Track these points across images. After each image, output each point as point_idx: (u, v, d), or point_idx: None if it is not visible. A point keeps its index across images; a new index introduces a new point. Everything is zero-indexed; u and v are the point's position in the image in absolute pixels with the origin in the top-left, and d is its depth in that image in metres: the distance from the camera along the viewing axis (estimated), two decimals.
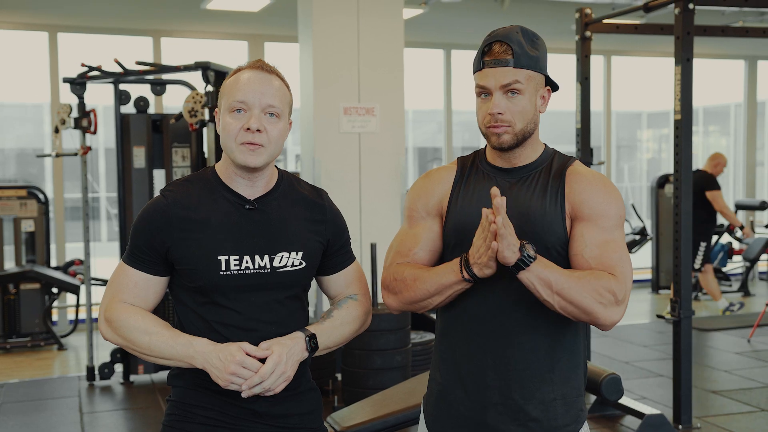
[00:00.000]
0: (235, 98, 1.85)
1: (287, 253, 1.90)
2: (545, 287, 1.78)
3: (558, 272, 1.78)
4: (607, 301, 1.79)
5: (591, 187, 1.88)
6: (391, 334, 4.77)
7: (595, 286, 1.79)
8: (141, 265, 1.88)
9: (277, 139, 1.87)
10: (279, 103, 1.87)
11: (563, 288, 1.77)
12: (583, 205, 1.86)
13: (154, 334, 1.83)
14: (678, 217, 4.61)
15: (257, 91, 1.85)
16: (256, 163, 1.85)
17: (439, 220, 1.99)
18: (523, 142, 1.91)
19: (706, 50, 10.28)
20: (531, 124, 1.90)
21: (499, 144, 1.90)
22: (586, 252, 1.84)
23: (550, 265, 1.79)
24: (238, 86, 1.86)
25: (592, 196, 1.87)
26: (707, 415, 4.90)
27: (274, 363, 1.79)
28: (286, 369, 1.81)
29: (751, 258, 9.27)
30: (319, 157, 5.65)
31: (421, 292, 1.89)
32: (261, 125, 1.84)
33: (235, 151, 1.86)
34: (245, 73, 1.88)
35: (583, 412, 1.96)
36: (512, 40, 1.87)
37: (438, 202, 1.99)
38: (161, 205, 1.89)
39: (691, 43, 4.54)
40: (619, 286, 1.81)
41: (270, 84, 1.87)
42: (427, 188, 2.02)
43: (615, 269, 1.82)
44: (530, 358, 1.88)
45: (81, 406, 5.36)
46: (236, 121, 1.85)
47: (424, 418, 2.05)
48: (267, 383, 1.79)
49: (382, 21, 5.82)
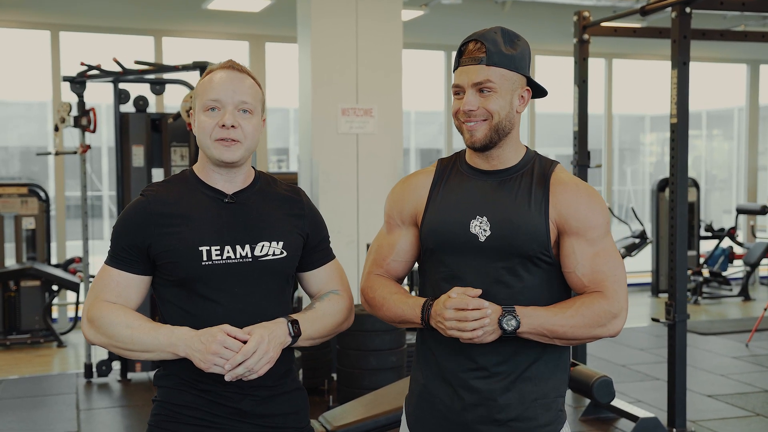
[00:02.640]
0: (208, 97, 1.90)
1: (268, 242, 1.92)
2: (541, 337, 1.84)
3: (548, 319, 1.82)
4: (605, 321, 1.85)
5: (576, 198, 1.89)
6: (386, 335, 4.78)
7: (588, 317, 1.83)
8: (123, 265, 1.90)
9: (251, 134, 1.91)
10: (251, 99, 1.91)
11: (558, 333, 1.83)
12: (570, 218, 1.87)
13: (136, 327, 1.84)
14: (674, 220, 4.61)
15: (229, 89, 1.89)
16: (232, 158, 1.89)
17: (414, 228, 2.01)
18: (499, 141, 1.91)
19: (708, 54, 10.27)
20: (506, 122, 1.89)
21: (471, 142, 1.91)
22: (578, 269, 1.87)
23: (538, 316, 1.82)
24: (212, 86, 1.90)
25: (578, 209, 1.88)
26: (702, 419, 4.90)
27: (256, 342, 1.79)
28: (268, 349, 1.81)
29: (752, 262, 9.27)
30: (317, 158, 5.66)
31: (387, 316, 1.97)
32: (235, 121, 1.88)
33: (211, 148, 1.89)
34: (218, 74, 1.93)
35: (562, 412, 1.96)
36: (487, 39, 1.88)
37: (413, 210, 2.00)
38: (141, 204, 1.91)
39: (688, 46, 4.55)
40: (611, 303, 1.85)
41: (242, 82, 1.92)
42: (402, 196, 2.03)
43: (606, 282, 1.86)
44: (511, 358, 1.89)
45: (78, 403, 5.38)
46: (211, 119, 1.89)
47: (406, 418, 2.05)
48: (250, 362, 1.78)
49: (381, 22, 5.84)
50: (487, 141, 1.90)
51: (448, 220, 1.92)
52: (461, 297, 1.80)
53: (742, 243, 9.67)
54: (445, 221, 1.92)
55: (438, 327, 1.85)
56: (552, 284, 1.91)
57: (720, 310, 8.78)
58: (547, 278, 1.90)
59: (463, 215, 1.91)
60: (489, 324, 1.79)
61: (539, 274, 1.89)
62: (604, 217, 1.90)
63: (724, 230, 9.49)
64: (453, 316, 1.79)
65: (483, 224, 1.89)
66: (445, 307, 1.81)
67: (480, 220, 1.89)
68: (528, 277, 1.88)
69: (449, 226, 1.91)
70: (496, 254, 1.87)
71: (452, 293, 1.82)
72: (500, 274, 1.88)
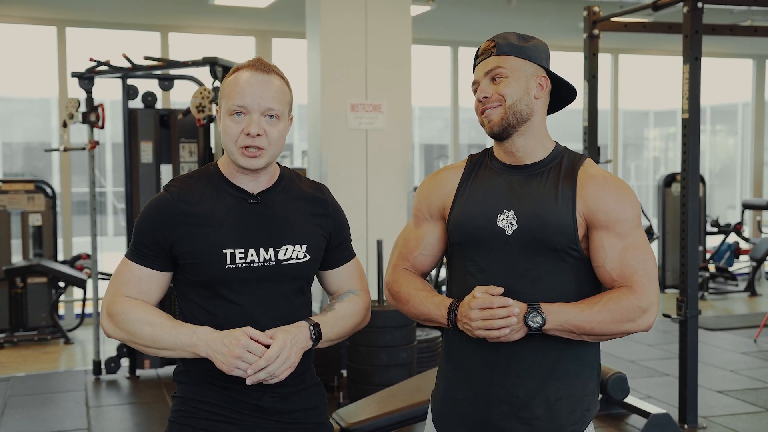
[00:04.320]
0: (234, 102, 1.86)
1: (292, 246, 1.91)
2: (569, 334, 1.83)
3: (575, 316, 1.81)
4: (634, 316, 1.83)
5: (604, 191, 1.87)
6: (397, 331, 4.77)
7: (616, 312, 1.82)
8: (144, 261, 1.89)
9: (277, 140, 1.89)
10: (278, 104, 1.88)
11: (586, 329, 1.82)
12: (598, 212, 1.86)
13: (157, 324, 1.83)
14: (685, 216, 4.60)
15: (256, 95, 1.86)
16: (257, 165, 1.88)
17: (442, 223, 2.01)
18: (517, 126, 1.91)
19: (714, 49, 10.24)
20: (522, 104, 1.90)
21: (489, 128, 1.92)
22: (607, 263, 1.86)
23: (564, 312, 1.81)
24: (238, 89, 1.87)
25: (607, 202, 1.86)
26: (713, 414, 4.90)
27: (279, 347, 1.79)
28: (290, 355, 1.81)
29: (758, 258, 9.25)
30: (326, 154, 5.65)
31: (412, 313, 1.97)
32: (261, 129, 1.86)
33: (236, 155, 1.87)
34: (244, 74, 1.88)
35: (589, 411, 1.94)
36: (499, 36, 1.95)
37: (441, 205, 2.00)
38: (165, 201, 1.90)
39: (700, 41, 4.53)
40: (640, 297, 1.83)
41: (269, 86, 1.88)
42: (432, 190, 2.03)
43: (635, 276, 1.84)
44: (537, 355, 1.88)
45: (87, 399, 5.38)
46: (236, 125, 1.86)
47: (432, 414, 2.05)
48: (272, 368, 1.78)
49: (390, 18, 5.82)
50: (505, 125, 1.90)
51: (475, 214, 1.92)
52: (485, 297, 1.79)
53: (748, 238, 9.66)
54: (472, 215, 1.92)
55: (465, 329, 1.84)
56: (580, 279, 1.89)
57: (726, 306, 8.77)
58: (575, 273, 1.88)
59: (490, 209, 1.90)
60: (515, 322, 1.78)
61: (567, 269, 1.87)
62: (634, 210, 1.89)
63: (731, 226, 9.47)
64: (479, 316, 1.79)
65: (510, 218, 1.88)
66: (470, 308, 1.80)
67: (507, 214, 1.88)
68: (555, 271, 1.87)
69: (476, 220, 1.91)
70: (523, 248, 1.87)
71: (476, 293, 1.81)
72: (527, 268, 1.87)
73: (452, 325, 1.88)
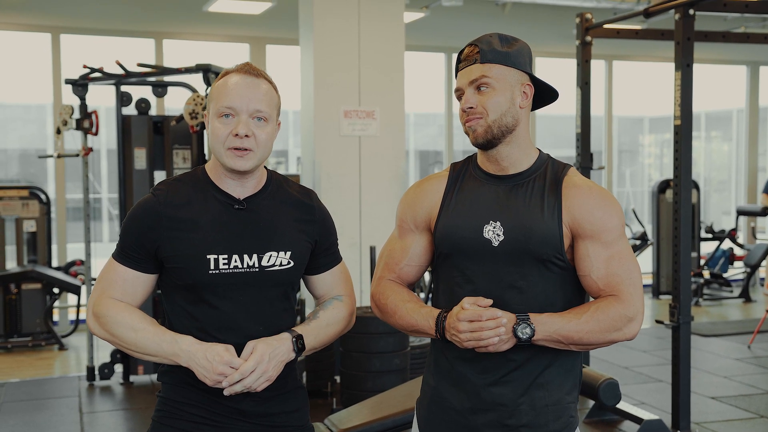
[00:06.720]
0: (223, 104, 1.88)
1: (276, 252, 1.92)
2: (557, 344, 1.84)
3: (563, 326, 1.81)
4: (620, 325, 1.84)
5: (589, 201, 1.88)
6: (390, 337, 4.78)
7: (603, 321, 1.82)
8: (130, 263, 1.91)
9: (265, 142, 1.90)
10: (266, 107, 1.90)
11: (574, 339, 1.82)
12: (583, 221, 1.87)
13: (140, 330, 1.85)
14: (677, 222, 4.61)
15: (245, 97, 1.87)
16: (245, 167, 1.88)
17: (428, 233, 2.01)
18: (502, 137, 1.90)
19: (708, 55, 10.28)
20: (508, 117, 1.89)
21: (474, 138, 1.91)
22: (593, 273, 1.86)
23: (553, 323, 1.81)
24: (226, 91, 1.88)
25: (592, 212, 1.87)
26: (706, 421, 4.90)
27: (255, 361, 1.81)
28: (267, 368, 1.83)
29: (752, 264, 9.27)
30: (320, 160, 5.66)
31: (399, 325, 1.96)
32: (249, 130, 1.87)
33: (224, 156, 1.88)
34: (233, 78, 1.90)
35: (573, 418, 1.95)
36: (482, 41, 1.91)
37: (426, 215, 2.00)
38: (151, 204, 1.91)
39: (692, 48, 4.55)
40: (626, 306, 1.84)
41: (257, 89, 1.89)
42: (416, 201, 2.03)
43: (621, 285, 1.85)
44: (523, 364, 1.88)
45: (81, 406, 5.37)
46: (225, 126, 1.87)
47: (417, 421, 2.05)
48: (247, 381, 1.80)
49: (383, 24, 5.84)
50: (490, 137, 1.89)
51: (461, 225, 1.92)
52: (474, 309, 1.80)
53: (742, 244, 9.68)
54: (459, 226, 1.92)
55: (453, 340, 1.84)
56: (566, 289, 1.90)
57: (721, 312, 8.79)
58: (561, 283, 1.89)
59: (476, 220, 1.90)
60: (504, 333, 1.79)
61: (553, 279, 1.88)
62: (619, 219, 1.89)
63: (725, 232, 9.49)
64: (468, 328, 1.79)
65: (496, 229, 1.88)
66: (459, 320, 1.80)
67: (493, 225, 1.89)
68: (541, 281, 1.87)
69: (463, 231, 1.91)
70: (510, 259, 1.87)
71: (464, 304, 1.82)
72: (514, 279, 1.87)
73: (440, 336, 1.88)
